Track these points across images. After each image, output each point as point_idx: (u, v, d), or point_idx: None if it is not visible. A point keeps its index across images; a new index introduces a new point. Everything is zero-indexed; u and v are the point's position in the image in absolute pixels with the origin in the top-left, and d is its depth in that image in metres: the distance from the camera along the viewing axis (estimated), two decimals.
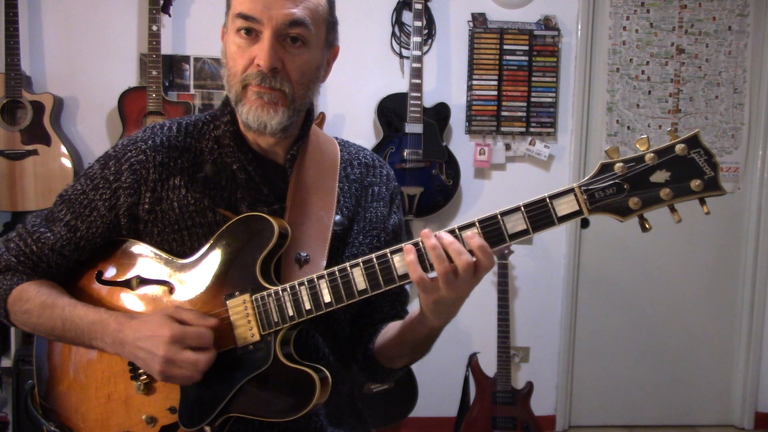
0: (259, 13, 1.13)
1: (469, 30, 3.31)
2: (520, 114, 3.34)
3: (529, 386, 3.08)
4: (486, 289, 3.36)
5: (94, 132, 3.17)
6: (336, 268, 1.10)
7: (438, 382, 3.34)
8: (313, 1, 1.17)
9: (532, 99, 3.34)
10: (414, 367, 3.07)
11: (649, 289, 3.59)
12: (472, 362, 3.11)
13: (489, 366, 3.10)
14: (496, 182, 3.42)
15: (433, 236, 1.03)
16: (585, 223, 1.03)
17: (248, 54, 1.15)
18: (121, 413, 1.21)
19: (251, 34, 1.15)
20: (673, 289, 3.59)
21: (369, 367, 1.33)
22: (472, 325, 3.42)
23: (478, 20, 3.31)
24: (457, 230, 1.04)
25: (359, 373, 1.38)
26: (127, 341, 1.13)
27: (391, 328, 1.28)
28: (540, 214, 1.02)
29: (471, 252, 1.02)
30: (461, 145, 3.34)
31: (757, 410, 3.66)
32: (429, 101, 3.21)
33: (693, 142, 0.98)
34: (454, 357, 3.29)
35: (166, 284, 1.20)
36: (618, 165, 1.00)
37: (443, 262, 1.02)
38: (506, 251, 3.11)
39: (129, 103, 3.02)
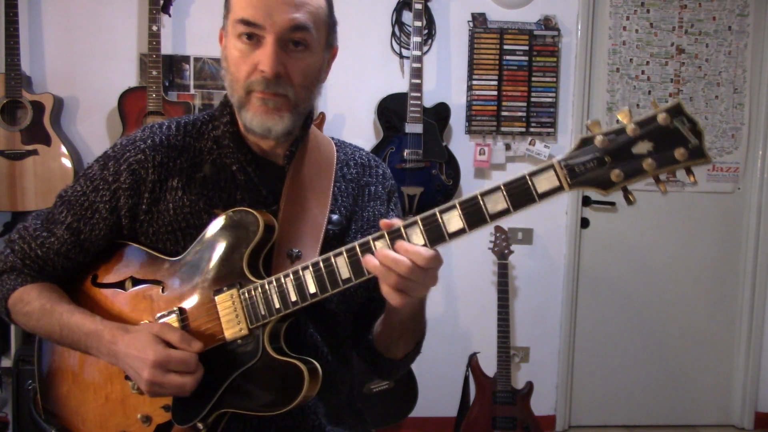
0: (261, 19, 1.13)
1: (469, 30, 3.31)
2: (520, 114, 3.33)
3: (529, 386, 3.08)
4: (486, 289, 3.36)
5: (94, 132, 3.17)
6: (320, 258, 1.10)
7: (438, 382, 3.34)
8: (314, 5, 1.17)
9: (532, 99, 3.33)
10: (414, 367, 3.11)
11: (649, 289, 3.58)
12: (472, 362, 3.11)
13: (489, 366, 3.09)
14: (496, 182, 3.40)
15: (371, 259, 1.03)
16: (585, 223, 1.03)
17: (251, 59, 1.15)
18: (119, 413, 1.21)
19: (253, 39, 1.14)
20: (673, 289, 3.59)
21: (373, 359, 1.33)
22: (472, 325, 3.42)
23: (478, 20, 3.31)
24: (387, 236, 1.03)
25: (367, 370, 1.38)
26: (120, 355, 1.14)
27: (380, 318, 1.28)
28: (520, 192, 1.01)
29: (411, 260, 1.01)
30: (461, 145, 3.33)
31: (757, 410, 3.66)
32: (429, 101, 3.20)
33: (676, 110, 0.93)
34: (454, 357, 3.29)
35: (157, 283, 1.20)
36: (598, 138, 0.96)
37: (389, 277, 1.02)
38: (506, 251, 3.11)
39: (129, 103, 3.02)
